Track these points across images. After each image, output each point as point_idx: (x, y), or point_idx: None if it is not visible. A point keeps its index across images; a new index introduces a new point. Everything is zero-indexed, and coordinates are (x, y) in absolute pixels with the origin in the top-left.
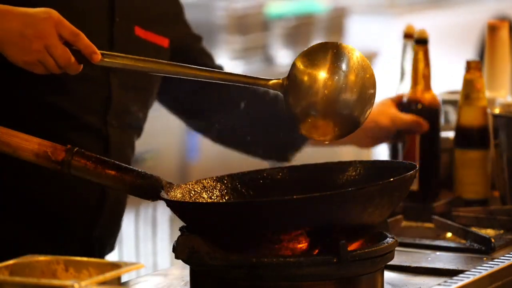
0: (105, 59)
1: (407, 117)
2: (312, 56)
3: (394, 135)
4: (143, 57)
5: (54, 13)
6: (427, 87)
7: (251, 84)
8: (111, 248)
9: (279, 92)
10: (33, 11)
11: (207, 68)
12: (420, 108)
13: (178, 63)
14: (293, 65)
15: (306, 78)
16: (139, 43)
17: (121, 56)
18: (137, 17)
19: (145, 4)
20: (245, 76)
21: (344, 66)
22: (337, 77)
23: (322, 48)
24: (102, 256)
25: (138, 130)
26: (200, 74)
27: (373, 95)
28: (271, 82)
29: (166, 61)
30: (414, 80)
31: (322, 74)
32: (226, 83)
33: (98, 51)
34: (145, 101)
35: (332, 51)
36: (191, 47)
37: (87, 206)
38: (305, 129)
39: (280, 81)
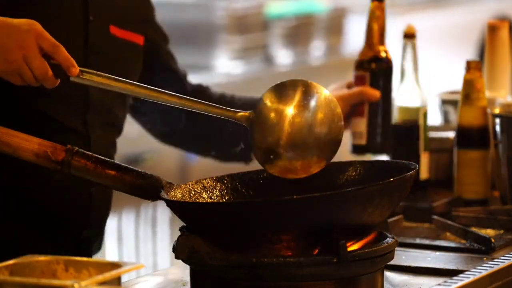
0: (82, 76)
1: (354, 89)
2: (280, 92)
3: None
4: (120, 77)
5: (36, 25)
6: (381, 42)
7: (219, 114)
8: (98, 248)
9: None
10: (16, 22)
11: (182, 96)
12: (374, 63)
13: (152, 87)
14: (261, 100)
15: (272, 114)
16: (115, 41)
17: (98, 74)
18: (112, 15)
19: (119, 3)
20: (214, 106)
21: (312, 104)
22: (304, 115)
23: (291, 86)
24: (89, 256)
25: (118, 129)
26: (172, 100)
27: (341, 131)
28: (238, 114)
29: (140, 84)
30: (368, 37)
31: (289, 111)
32: (196, 110)
33: (77, 65)
34: (123, 99)
35: (301, 89)
36: (160, 48)
37: (78, 206)
38: (272, 169)
39: (247, 114)
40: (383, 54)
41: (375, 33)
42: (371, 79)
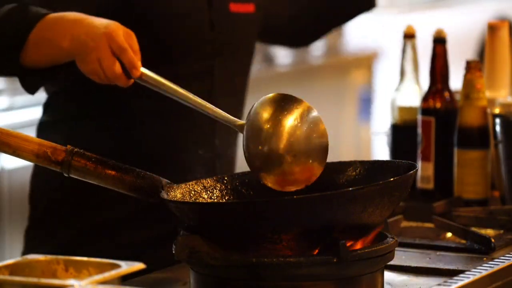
0: (143, 77)
1: None
2: (270, 104)
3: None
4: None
5: (112, 27)
6: (445, 85)
7: (223, 119)
8: None
9: None
10: (97, 23)
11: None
12: (440, 109)
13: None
14: (252, 110)
15: (266, 124)
16: (233, 18)
17: (157, 79)
18: None
19: None
20: (221, 112)
21: (301, 113)
22: (298, 124)
23: (280, 99)
24: None
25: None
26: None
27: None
28: (238, 123)
29: (193, 95)
30: (433, 81)
31: (282, 120)
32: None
33: (140, 68)
34: (246, 77)
35: (290, 102)
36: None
37: None
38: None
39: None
40: (448, 99)
41: (439, 76)
42: (436, 123)
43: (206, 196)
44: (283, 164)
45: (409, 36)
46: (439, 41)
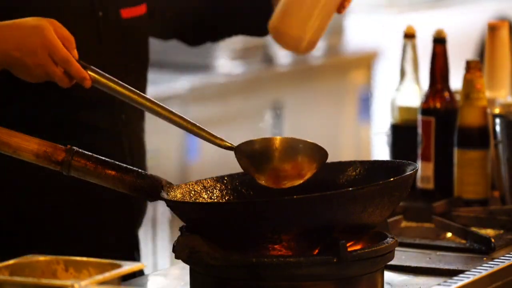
0: (97, 84)
1: None
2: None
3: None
4: (123, 83)
5: (43, 33)
6: (445, 85)
7: (207, 139)
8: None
9: None
10: (24, 32)
11: (181, 116)
12: (440, 109)
13: (156, 101)
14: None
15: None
16: (126, 24)
17: (108, 78)
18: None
19: None
20: (205, 131)
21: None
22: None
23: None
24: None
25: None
26: (169, 116)
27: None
28: (225, 143)
29: (146, 96)
30: (432, 81)
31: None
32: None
33: (88, 77)
34: (145, 82)
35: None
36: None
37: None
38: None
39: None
40: (448, 99)
41: (439, 76)
42: (436, 123)
43: (206, 196)
44: (273, 161)
45: (409, 36)
46: (439, 41)
